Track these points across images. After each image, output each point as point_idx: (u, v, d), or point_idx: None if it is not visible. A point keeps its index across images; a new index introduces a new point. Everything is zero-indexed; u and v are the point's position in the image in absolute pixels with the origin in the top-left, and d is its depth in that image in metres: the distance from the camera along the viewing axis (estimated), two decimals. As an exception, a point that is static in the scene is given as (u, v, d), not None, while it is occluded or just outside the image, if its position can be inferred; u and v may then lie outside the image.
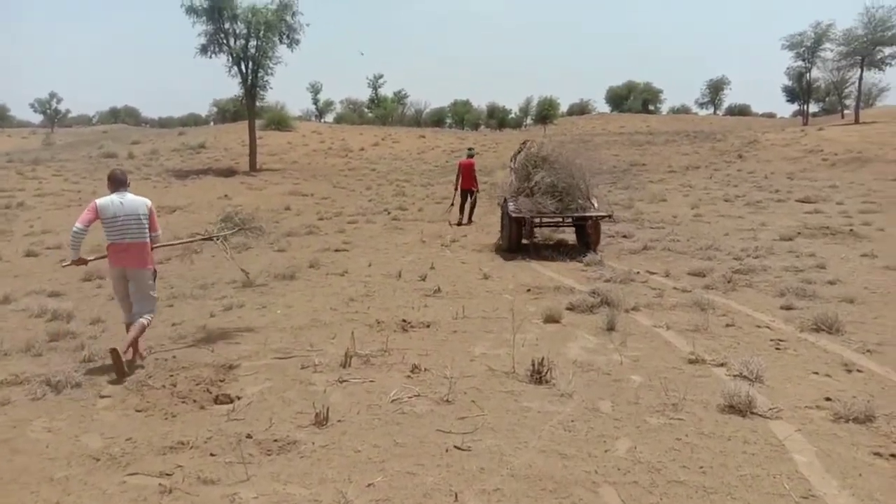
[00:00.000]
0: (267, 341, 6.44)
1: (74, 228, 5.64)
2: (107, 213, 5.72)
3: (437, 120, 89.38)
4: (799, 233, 13.45)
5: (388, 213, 17.12)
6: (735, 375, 5.46)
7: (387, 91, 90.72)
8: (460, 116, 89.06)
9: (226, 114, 77.12)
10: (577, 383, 5.21)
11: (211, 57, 27.44)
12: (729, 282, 9.16)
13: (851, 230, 13.45)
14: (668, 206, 18.50)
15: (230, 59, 27.49)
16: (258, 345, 6.33)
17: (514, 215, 11.38)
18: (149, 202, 5.98)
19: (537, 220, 11.66)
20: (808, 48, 44.96)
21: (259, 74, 28.04)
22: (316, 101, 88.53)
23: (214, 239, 7.31)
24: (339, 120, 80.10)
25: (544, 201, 11.32)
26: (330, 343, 6.36)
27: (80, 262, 5.87)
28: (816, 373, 5.63)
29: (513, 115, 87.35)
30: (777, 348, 6.36)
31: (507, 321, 7.08)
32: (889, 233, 13.50)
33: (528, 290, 8.72)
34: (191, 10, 26.44)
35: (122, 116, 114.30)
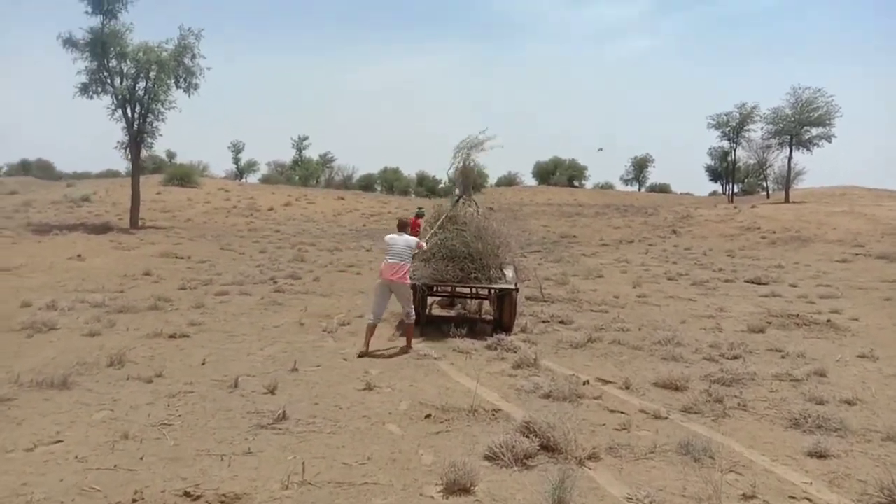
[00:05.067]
0: None
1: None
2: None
3: (365, 185, 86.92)
4: (769, 322, 11.03)
5: (275, 282, 13.84)
6: None
7: (312, 153, 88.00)
8: (389, 183, 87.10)
9: (144, 169, 72.34)
10: None
11: (92, 97, 23.88)
12: (717, 402, 6.38)
13: (829, 321, 11.13)
14: (607, 284, 16.04)
15: (114, 100, 24.01)
16: None
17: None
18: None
19: (436, 288, 10.00)
20: (733, 128, 45.00)
21: (148, 119, 24.59)
22: (237, 161, 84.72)
23: None
24: (265, 181, 76.57)
25: (440, 267, 9.40)
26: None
27: None
28: None
29: (442, 185, 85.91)
30: (856, 562, 3.50)
31: (377, 492, 4.01)
32: (867, 324, 11.30)
33: (428, 416, 5.65)
34: (69, 44, 23.02)
35: (34, 169, 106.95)
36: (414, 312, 8.54)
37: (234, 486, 4.08)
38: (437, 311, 11.50)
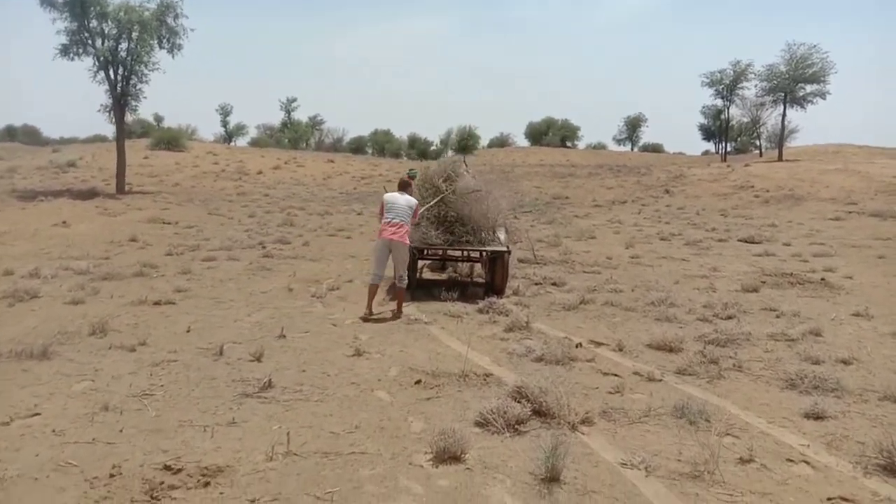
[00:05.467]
0: None
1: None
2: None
3: (355, 148, 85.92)
4: (763, 282, 10.94)
5: (263, 247, 13.64)
6: None
7: (301, 115, 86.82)
8: (380, 145, 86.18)
9: (131, 134, 71.22)
10: None
11: (73, 59, 23.27)
12: (712, 363, 6.29)
13: (823, 280, 11.06)
14: (599, 245, 15.91)
15: (96, 62, 23.39)
16: None
17: None
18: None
19: (427, 251, 9.72)
20: (726, 86, 44.46)
21: (131, 81, 23.99)
22: (225, 124, 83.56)
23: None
24: (254, 144, 75.62)
25: (429, 231, 9.26)
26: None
27: None
28: None
29: (434, 147, 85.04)
30: (858, 528, 3.42)
31: (365, 462, 3.90)
32: (860, 282, 11.23)
33: (418, 382, 5.53)
34: (47, 3, 22.29)
35: (19, 135, 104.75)
36: (407, 277, 8.36)
37: (216, 458, 3.95)
38: (427, 275, 11.36)
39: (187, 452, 4.02)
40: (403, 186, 8.51)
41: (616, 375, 5.93)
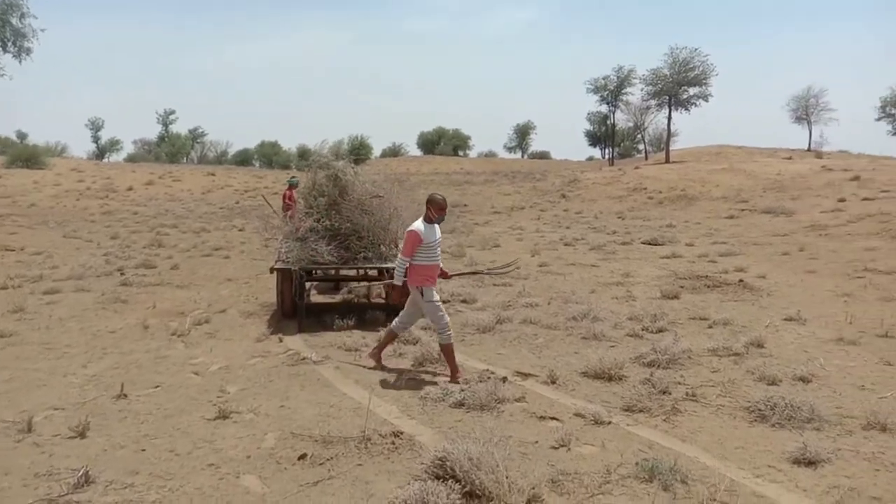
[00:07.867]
0: None
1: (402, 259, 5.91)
2: (429, 239, 5.87)
3: (241, 160, 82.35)
4: (681, 287, 10.26)
5: (122, 273, 11.63)
6: None
7: (181, 128, 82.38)
8: (268, 158, 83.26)
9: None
10: None
11: None
12: (663, 393, 5.26)
13: (741, 281, 10.55)
14: (505, 253, 14.94)
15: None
16: None
17: (275, 267, 8.01)
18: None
19: (316, 271, 8.36)
20: (611, 92, 45.37)
21: (-31, 89, 21.02)
22: (97, 139, 77.97)
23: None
24: (131, 160, 70.95)
25: (320, 247, 7.86)
26: None
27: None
28: None
29: (326, 159, 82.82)
30: None
31: None
32: (776, 281, 10.89)
33: (303, 458, 4.09)
34: None
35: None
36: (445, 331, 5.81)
37: None
38: (317, 298, 9.88)
39: None
40: (440, 210, 6.07)
41: (555, 419, 4.77)
